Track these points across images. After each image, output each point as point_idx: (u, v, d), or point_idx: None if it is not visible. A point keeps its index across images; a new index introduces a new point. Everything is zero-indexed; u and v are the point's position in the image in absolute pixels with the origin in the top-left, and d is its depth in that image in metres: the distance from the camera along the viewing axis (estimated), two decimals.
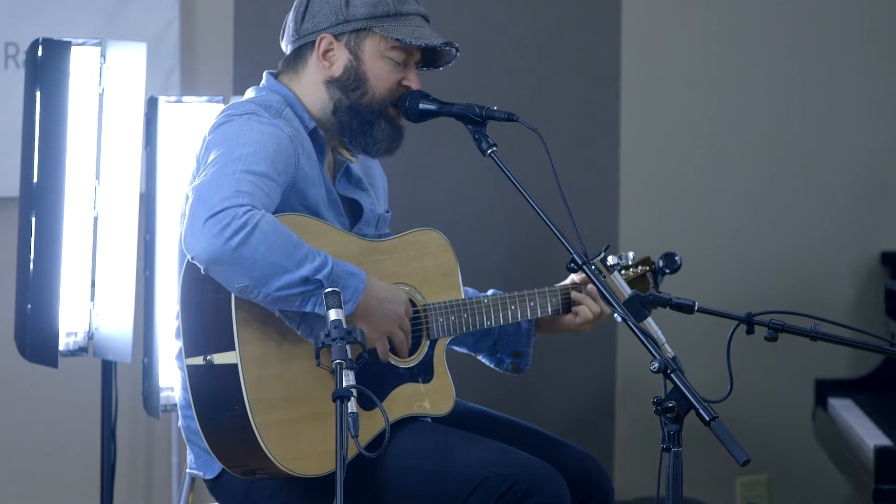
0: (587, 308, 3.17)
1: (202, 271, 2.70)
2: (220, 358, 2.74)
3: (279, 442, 2.73)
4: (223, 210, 2.64)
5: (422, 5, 2.99)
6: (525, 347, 3.20)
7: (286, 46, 3.01)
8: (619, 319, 3.10)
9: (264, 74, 3.01)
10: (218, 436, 2.78)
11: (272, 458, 2.72)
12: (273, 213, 2.75)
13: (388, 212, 3.13)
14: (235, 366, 2.72)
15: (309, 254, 2.69)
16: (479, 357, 3.26)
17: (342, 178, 3.03)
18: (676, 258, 3.25)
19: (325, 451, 2.74)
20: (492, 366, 3.25)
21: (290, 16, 3.00)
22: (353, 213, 3.03)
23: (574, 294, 3.18)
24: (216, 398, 2.76)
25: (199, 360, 2.76)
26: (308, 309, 2.71)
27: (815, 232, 4.97)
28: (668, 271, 3.27)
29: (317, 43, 2.94)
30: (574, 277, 3.20)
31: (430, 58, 3.02)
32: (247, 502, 2.93)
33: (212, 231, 2.64)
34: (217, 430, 2.78)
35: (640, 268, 3.28)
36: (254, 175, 2.72)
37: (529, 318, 3.13)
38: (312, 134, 2.95)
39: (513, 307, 3.10)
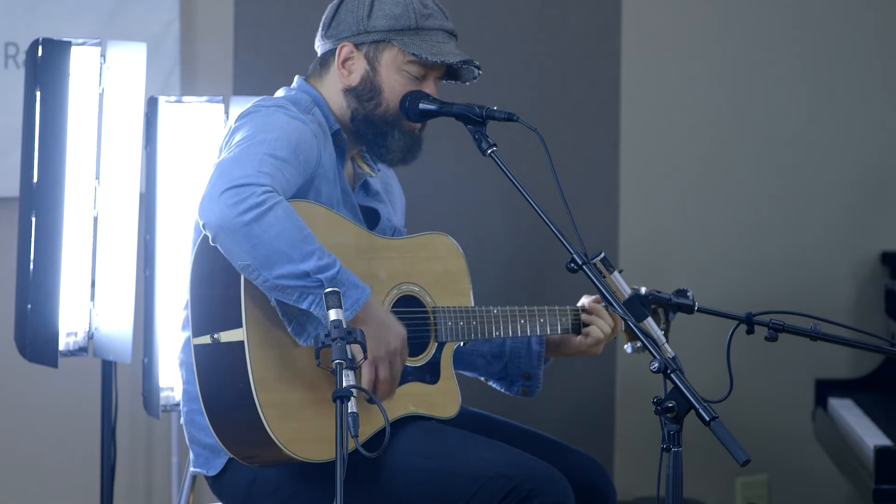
0: (597, 328, 3.17)
1: (210, 241, 2.70)
2: (227, 336, 2.75)
3: (281, 423, 2.73)
4: (243, 185, 2.65)
5: (449, 20, 2.99)
6: (535, 370, 3.19)
7: (317, 49, 3.04)
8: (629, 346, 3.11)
9: (296, 78, 3.04)
10: (222, 416, 2.78)
11: (274, 439, 2.72)
12: (289, 199, 2.75)
13: (404, 228, 3.14)
14: (241, 343, 2.73)
15: (317, 251, 2.69)
16: (490, 382, 3.25)
17: (360, 191, 3.05)
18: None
19: (327, 437, 2.73)
20: (502, 390, 3.24)
21: (322, 19, 3.02)
22: (369, 222, 3.04)
23: (584, 316, 3.17)
24: (221, 376, 2.76)
25: (206, 339, 2.77)
26: (304, 306, 2.70)
27: (815, 232, 4.97)
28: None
29: (338, 51, 2.97)
30: (585, 300, 3.20)
31: (453, 72, 3.02)
32: (249, 499, 2.93)
33: (228, 202, 2.65)
34: (221, 409, 2.78)
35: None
36: (276, 159, 2.74)
37: (539, 334, 3.12)
38: (336, 136, 2.97)
39: (522, 321, 3.09)
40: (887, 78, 5.02)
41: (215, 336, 2.76)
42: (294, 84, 3.04)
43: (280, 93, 3.03)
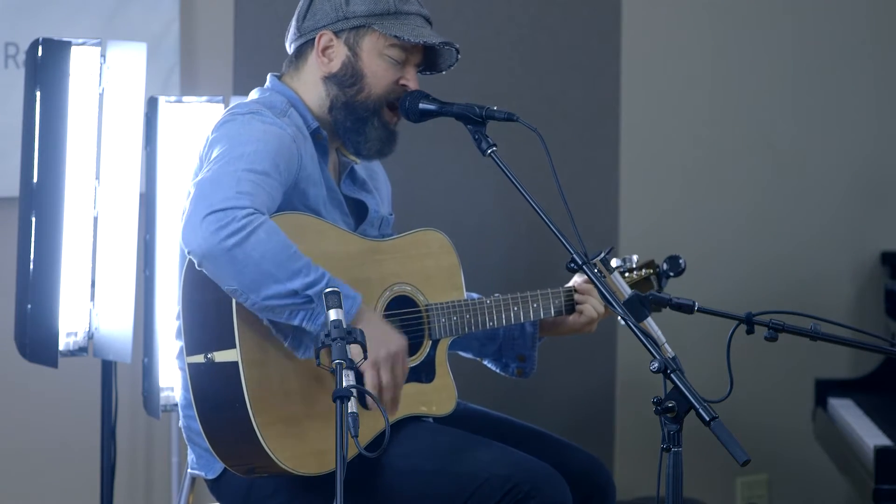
0: (591, 306, 3.17)
1: (196, 266, 2.70)
2: (221, 356, 2.74)
3: (280, 441, 2.73)
4: (224, 209, 2.64)
5: (424, 7, 2.99)
6: (530, 351, 3.19)
7: (289, 46, 3.03)
8: (623, 323, 3.11)
9: (268, 76, 3.02)
10: (219, 434, 2.79)
11: (273, 457, 2.72)
12: (275, 213, 2.75)
13: (391, 214, 3.14)
14: (236, 364, 2.72)
15: (304, 267, 2.68)
16: (485, 362, 3.25)
17: (347, 180, 3.04)
18: (680, 261, 3.25)
19: (326, 449, 2.74)
20: (497, 370, 3.25)
21: (294, 15, 3.01)
22: (357, 214, 3.03)
23: (577, 295, 3.17)
24: (217, 396, 2.76)
25: (199, 359, 2.77)
26: (296, 322, 2.70)
27: (815, 232, 4.97)
28: (671, 275, 3.27)
29: (317, 39, 2.96)
30: (577, 279, 3.20)
31: (431, 60, 3.02)
32: (248, 502, 2.93)
33: (209, 228, 2.63)
34: (218, 428, 2.78)
35: (643, 271, 3.28)
36: (255, 174, 2.72)
37: (532, 319, 3.12)
38: (315, 134, 2.95)
39: (515, 308, 3.09)
40: (886, 78, 5.02)
41: (209, 356, 2.76)
42: (267, 84, 3.02)
43: (254, 94, 3.01)
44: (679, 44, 4.80)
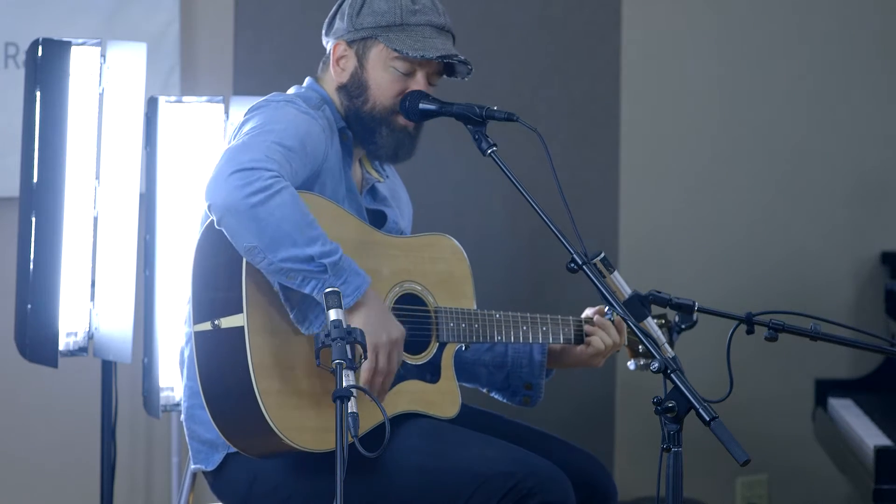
0: (599, 338, 3.17)
1: (216, 223, 2.71)
2: (228, 322, 2.75)
3: (280, 411, 2.73)
4: (251, 168, 2.68)
5: (442, 15, 2.99)
6: (537, 380, 3.19)
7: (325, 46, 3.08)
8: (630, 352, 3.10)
9: (307, 78, 3.07)
10: (221, 403, 2.78)
11: (273, 427, 2.72)
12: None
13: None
14: (242, 329, 2.73)
15: (321, 237, 2.71)
16: (492, 393, 3.25)
17: (367, 195, 3.06)
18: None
19: (325, 427, 2.74)
20: (504, 400, 3.24)
21: (326, 19, 3.06)
22: (375, 223, 3.04)
23: (587, 327, 3.17)
24: (221, 363, 2.76)
25: (206, 326, 2.78)
26: (307, 290, 2.72)
27: (815, 232, 4.97)
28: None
29: (332, 49, 3.01)
30: (588, 312, 3.20)
31: (448, 67, 3.03)
32: (248, 499, 2.94)
33: (235, 184, 2.67)
34: (220, 396, 2.78)
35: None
36: (284, 148, 2.77)
37: (541, 341, 3.12)
38: (342, 133, 2.99)
39: (524, 328, 3.09)
40: (887, 78, 5.02)
41: (216, 322, 2.77)
42: (305, 84, 3.07)
43: (291, 90, 3.05)
44: (679, 44, 4.80)
